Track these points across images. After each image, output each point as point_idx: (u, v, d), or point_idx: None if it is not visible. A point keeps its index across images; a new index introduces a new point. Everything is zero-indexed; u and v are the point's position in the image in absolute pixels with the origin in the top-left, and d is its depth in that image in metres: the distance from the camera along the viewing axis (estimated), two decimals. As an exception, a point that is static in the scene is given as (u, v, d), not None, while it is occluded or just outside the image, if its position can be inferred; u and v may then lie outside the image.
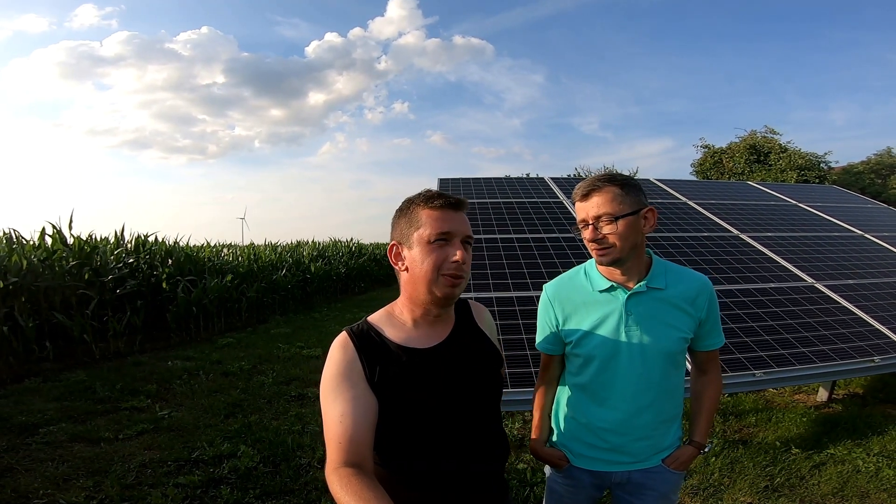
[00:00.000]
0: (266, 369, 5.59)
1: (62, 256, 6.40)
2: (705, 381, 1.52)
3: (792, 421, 3.73)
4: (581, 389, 1.46)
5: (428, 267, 1.09)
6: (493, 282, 3.75)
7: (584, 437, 1.47)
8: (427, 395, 1.10)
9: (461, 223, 1.13)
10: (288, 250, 13.40)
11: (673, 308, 1.39)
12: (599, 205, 1.34)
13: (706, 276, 1.45)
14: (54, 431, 3.70)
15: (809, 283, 4.08)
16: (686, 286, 1.40)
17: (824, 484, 2.85)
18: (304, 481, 3.00)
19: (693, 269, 1.48)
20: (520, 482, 2.89)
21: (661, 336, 1.37)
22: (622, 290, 1.39)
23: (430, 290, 1.10)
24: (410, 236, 1.12)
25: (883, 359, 3.15)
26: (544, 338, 1.52)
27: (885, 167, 16.76)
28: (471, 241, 1.16)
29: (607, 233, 1.33)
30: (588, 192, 1.36)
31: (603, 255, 1.35)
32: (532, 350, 2.98)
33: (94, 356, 5.87)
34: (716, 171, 16.85)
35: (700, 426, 1.51)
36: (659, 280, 1.40)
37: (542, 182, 6.46)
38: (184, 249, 8.71)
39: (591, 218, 1.35)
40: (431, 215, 1.11)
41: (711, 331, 1.45)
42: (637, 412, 1.40)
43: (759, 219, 5.58)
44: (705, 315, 1.41)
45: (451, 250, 1.10)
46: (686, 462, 1.47)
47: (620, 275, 1.40)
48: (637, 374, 1.37)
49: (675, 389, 1.45)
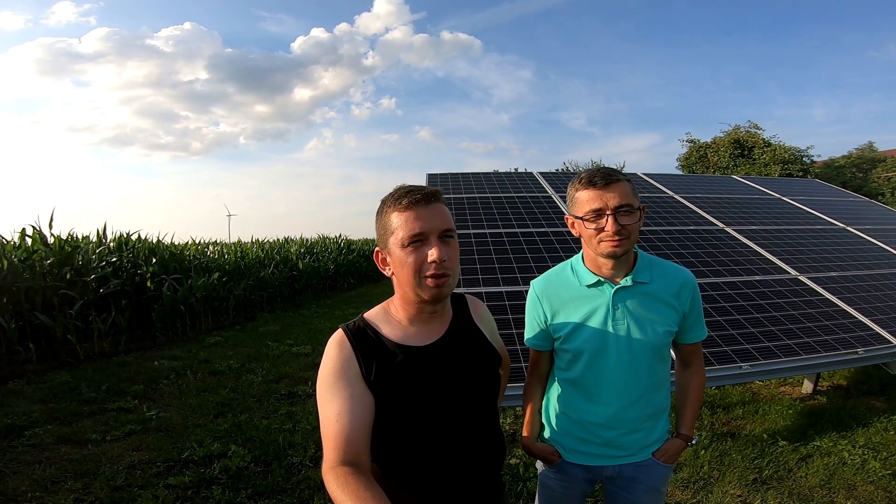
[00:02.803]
0: (255, 368, 5.55)
1: (42, 256, 6.27)
2: (689, 373, 1.55)
3: (778, 413, 3.79)
4: (571, 385, 1.47)
5: (408, 271, 1.07)
6: (483, 276, 3.75)
7: (576, 432, 1.48)
8: (424, 393, 1.09)
9: (435, 218, 1.07)
10: (275, 247, 13.27)
11: (658, 302, 1.40)
12: (623, 195, 1.31)
13: (689, 270, 1.46)
14: (40, 434, 3.63)
15: (793, 275, 4.15)
16: (670, 280, 1.42)
17: (811, 476, 2.91)
18: (296, 480, 2.99)
19: (677, 263, 1.49)
20: (512, 477, 2.91)
21: (648, 330, 1.38)
22: (609, 285, 1.39)
23: (416, 294, 1.09)
24: (387, 241, 1.10)
25: (866, 350, 3.21)
26: (533, 334, 1.52)
27: (866, 161, 17.06)
28: (451, 233, 1.10)
29: (627, 223, 1.31)
30: (610, 181, 1.32)
31: (618, 247, 1.32)
32: (523, 345, 2.99)
33: (79, 357, 5.77)
34: (701, 166, 17.02)
35: (686, 419, 1.53)
36: (644, 274, 1.40)
37: (530, 176, 6.47)
38: (168, 247, 8.59)
39: (611, 208, 1.31)
40: (401, 217, 1.07)
41: (694, 324, 1.46)
42: (626, 406, 1.41)
43: (743, 212, 5.64)
44: (689, 308, 1.43)
45: (428, 249, 1.06)
46: (675, 455, 1.49)
47: (610, 269, 1.39)
48: (625, 368, 1.38)
49: (662, 383, 1.47)
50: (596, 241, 1.35)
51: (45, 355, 5.69)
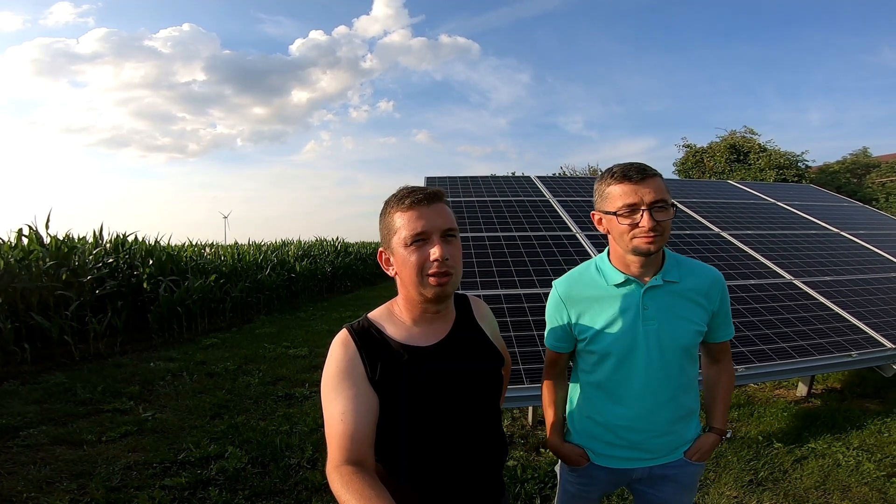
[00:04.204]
0: (252, 369, 5.53)
1: (39, 257, 6.25)
2: (719, 369, 1.52)
3: (773, 415, 3.82)
4: (596, 388, 1.43)
5: (411, 270, 1.07)
6: (481, 279, 3.77)
7: (603, 436, 1.44)
8: (428, 393, 1.10)
9: (437, 217, 1.09)
10: (273, 249, 13.26)
11: (688, 301, 1.37)
12: (658, 190, 1.28)
13: (716, 269, 1.43)
14: (35, 434, 3.62)
15: (788, 279, 4.18)
16: (699, 279, 1.39)
17: (806, 478, 2.93)
18: (293, 482, 2.98)
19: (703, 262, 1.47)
20: (510, 479, 2.91)
21: (678, 329, 1.35)
22: (638, 284, 1.36)
23: (419, 293, 1.10)
24: (390, 241, 1.11)
25: (860, 353, 3.24)
26: (554, 335, 1.48)
27: (860, 167, 17.17)
28: (453, 232, 1.11)
29: (661, 219, 1.28)
30: (646, 175, 1.28)
31: (652, 243, 1.28)
32: (521, 347, 3.01)
33: (74, 358, 5.75)
34: (697, 170, 17.11)
35: (718, 413, 1.50)
36: (673, 273, 1.37)
37: (527, 180, 6.50)
38: (165, 249, 8.56)
39: (647, 203, 1.26)
40: (404, 216, 1.08)
41: (724, 323, 1.43)
42: (656, 408, 1.38)
43: (739, 217, 5.69)
44: (718, 307, 1.40)
45: (430, 248, 1.07)
46: (708, 451, 1.45)
47: (639, 267, 1.36)
48: (656, 370, 1.35)
49: (692, 383, 1.43)
50: (629, 237, 1.30)
51: (40, 356, 5.66)
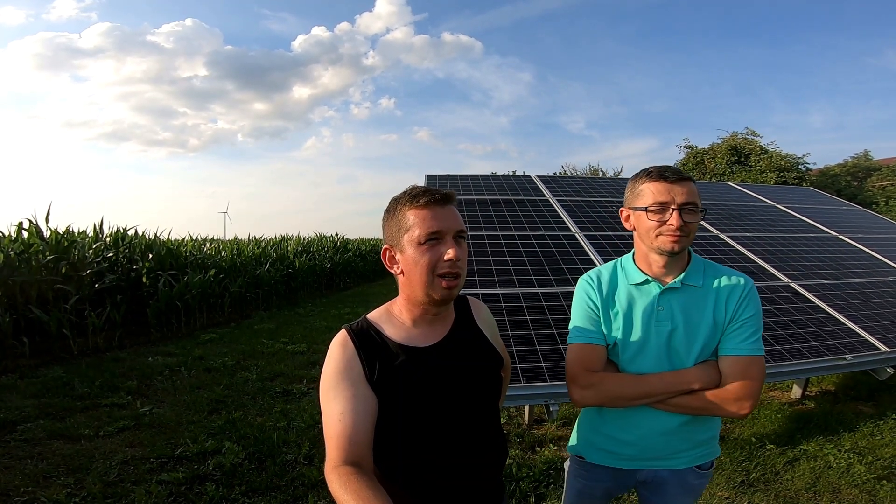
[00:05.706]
0: (250, 365, 5.55)
1: (38, 250, 6.25)
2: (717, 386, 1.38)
3: (767, 417, 3.84)
4: None
5: (422, 269, 1.07)
6: (480, 279, 3.77)
7: (604, 444, 1.45)
8: (427, 393, 1.10)
9: (451, 218, 1.09)
10: (272, 245, 13.26)
11: (706, 307, 1.34)
12: (690, 193, 1.31)
13: (746, 276, 1.39)
14: (32, 429, 3.64)
15: (785, 282, 4.19)
16: (723, 285, 1.36)
17: (798, 479, 2.95)
18: (290, 477, 3.00)
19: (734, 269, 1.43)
20: (505, 477, 2.93)
21: (690, 335, 1.33)
22: (656, 284, 1.36)
23: (426, 293, 1.09)
24: (401, 239, 1.10)
25: (854, 357, 3.25)
26: (584, 326, 1.40)
27: (861, 170, 17.15)
28: (464, 235, 1.12)
29: (689, 221, 1.30)
30: (682, 177, 1.32)
31: (676, 242, 1.30)
32: (519, 347, 3.01)
33: (72, 352, 5.77)
34: (698, 172, 17.09)
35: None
36: (695, 277, 1.36)
37: (528, 180, 6.50)
38: (164, 244, 8.57)
39: (678, 203, 1.29)
40: (419, 215, 1.08)
41: (735, 333, 1.33)
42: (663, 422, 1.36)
43: (738, 219, 5.69)
44: (731, 315, 1.33)
45: (444, 248, 1.07)
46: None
47: (661, 267, 1.36)
48: (663, 370, 1.34)
49: None
50: (654, 233, 1.32)
51: (38, 350, 5.68)
